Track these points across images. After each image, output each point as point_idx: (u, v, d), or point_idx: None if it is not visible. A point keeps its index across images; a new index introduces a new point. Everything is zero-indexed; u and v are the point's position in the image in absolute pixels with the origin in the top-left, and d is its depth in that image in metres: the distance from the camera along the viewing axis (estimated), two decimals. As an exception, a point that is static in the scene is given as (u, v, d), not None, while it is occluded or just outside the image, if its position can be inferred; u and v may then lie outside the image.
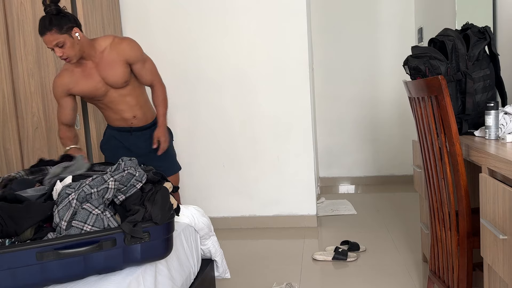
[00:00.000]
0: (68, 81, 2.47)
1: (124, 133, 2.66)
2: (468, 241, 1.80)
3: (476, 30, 2.14)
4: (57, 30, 2.24)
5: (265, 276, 2.75)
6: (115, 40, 2.47)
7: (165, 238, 1.71)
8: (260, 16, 3.57)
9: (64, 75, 2.47)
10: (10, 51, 3.17)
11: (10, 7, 3.13)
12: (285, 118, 3.63)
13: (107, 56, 2.44)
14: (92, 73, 2.45)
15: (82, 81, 2.46)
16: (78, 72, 2.46)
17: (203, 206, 3.70)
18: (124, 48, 2.45)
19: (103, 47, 2.44)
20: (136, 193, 1.75)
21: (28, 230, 1.65)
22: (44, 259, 1.51)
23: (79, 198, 1.67)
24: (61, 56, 2.29)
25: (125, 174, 1.75)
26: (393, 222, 3.64)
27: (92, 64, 2.45)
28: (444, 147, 1.81)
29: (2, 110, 3.20)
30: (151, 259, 1.69)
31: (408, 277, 2.62)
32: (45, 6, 2.26)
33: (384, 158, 5.05)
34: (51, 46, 2.27)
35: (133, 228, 1.61)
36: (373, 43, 4.94)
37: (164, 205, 1.71)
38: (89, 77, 2.46)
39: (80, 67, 2.45)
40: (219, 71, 3.66)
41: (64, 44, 2.27)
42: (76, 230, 1.60)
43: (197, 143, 3.75)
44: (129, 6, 3.68)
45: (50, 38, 2.24)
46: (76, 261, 1.55)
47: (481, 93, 2.11)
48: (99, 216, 1.64)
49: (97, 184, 1.71)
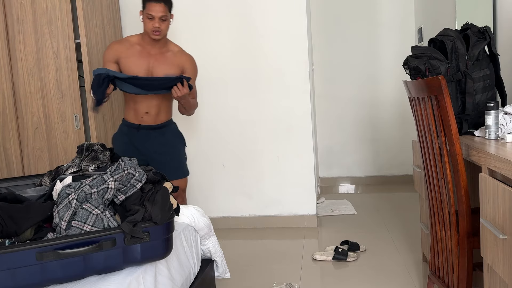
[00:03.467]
0: (123, 50, 2.61)
1: (132, 129, 2.69)
2: (468, 241, 1.80)
3: (476, 30, 2.14)
4: (169, 7, 2.56)
5: (265, 276, 2.75)
6: (182, 50, 2.72)
7: (165, 238, 1.71)
8: (260, 16, 3.57)
9: (124, 43, 2.63)
10: (10, 51, 3.17)
11: (10, 7, 3.13)
12: (285, 118, 3.63)
13: (169, 56, 2.65)
14: (147, 57, 2.61)
15: (134, 58, 2.60)
16: (137, 49, 2.61)
17: (203, 206, 3.70)
18: (188, 60, 2.70)
19: (170, 48, 2.68)
20: (136, 193, 1.75)
21: (28, 230, 1.65)
22: (44, 259, 1.50)
23: (79, 198, 1.66)
24: (157, 28, 2.51)
25: (125, 174, 1.75)
26: (393, 222, 3.64)
27: (154, 51, 2.62)
28: (444, 147, 1.81)
29: (2, 110, 3.20)
30: (151, 259, 1.69)
31: (408, 277, 2.62)
32: None
33: (384, 158, 5.05)
34: (156, 15, 2.49)
35: (133, 228, 1.61)
36: (373, 43, 4.94)
37: (164, 205, 1.71)
38: (142, 59, 2.60)
39: (142, 47, 2.62)
40: (219, 71, 3.66)
41: (166, 20, 2.55)
42: (76, 230, 1.60)
43: (197, 143, 3.75)
44: (129, 6, 3.68)
45: (162, 8, 2.50)
46: (76, 261, 1.55)
47: (481, 93, 2.11)
48: (99, 216, 1.64)
49: (97, 184, 1.71)
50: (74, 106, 3.16)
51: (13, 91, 3.19)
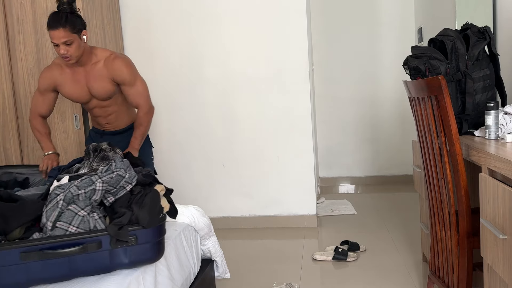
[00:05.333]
0: (56, 77, 2.46)
1: (97, 134, 2.69)
2: (468, 241, 1.80)
3: (476, 30, 2.14)
4: (70, 28, 2.24)
5: (265, 276, 2.75)
6: (111, 56, 2.45)
7: (156, 242, 1.67)
8: (260, 16, 3.57)
9: (55, 70, 2.46)
10: (10, 51, 3.17)
11: (10, 7, 3.13)
12: (285, 118, 3.63)
13: (98, 69, 2.43)
14: (80, 79, 2.45)
15: (69, 84, 2.46)
16: (68, 74, 2.45)
17: (203, 206, 3.71)
18: (115, 67, 2.43)
19: (98, 58, 2.44)
20: (125, 195, 1.73)
21: (17, 229, 1.64)
22: (28, 260, 1.49)
23: (66, 199, 1.65)
24: (64, 54, 2.27)
25: (114, 176, 1.73)
26: (393, 222, 3.64)
27: (83, 71, 2.44)
28: (444, 147, 1.81)
29: (2, 110, 3.20)
30: (140, 263, 1.65)
31: (408, 277, 2.62)
32: (60, 3, 2.27)
33: (384, 158, 5.05)
34: (58, 42, 2.24)
35: (118, 231, 1.58)
36: (373, 43, 4.94)
37: (152, 208, 1.67)
38: (77, 82, 2.45)
39: (71, 69, 2.45)
40: (220, 71, 3.66)
41: (72, 43, 2.27)
42: (61, 231, 1.59)
43: (197, 143, 3.75)
44: (129, 6, 3.68)
45: (62, 34, 2.22)
46: (60, 262, 1.53)
47: (481, 93, 2.11)
48: (85, 217, 1.62)
49: (85, 185, 1.69)
50: (74, 106, 3.16)
51: (13, 91, 3.19)
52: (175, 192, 3.75)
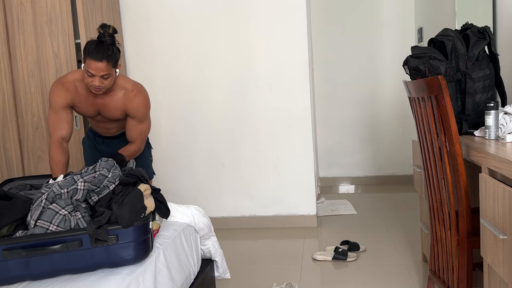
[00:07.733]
0: (73, 96, 2.32)
1: (98, 138, 2.66)
2: (468, 241, 1.80)
3: (476, 30, 2.14)
4: (113, 63, 2.15)
5: (265, 276, 2.75)
6: (133, 91, 2.35)
7: (141, 241, 1.67)
8: (260, 16, 3.57)
9: (70, 89, 2.31)
10: (10, 51, 3.17)
11: (10, 7, 3.13)
12: (285, 118, 3.63)
13: (115, 99, 2.34)
14: (94, 103, 2.35)
15: (83, 105, 2.36)
16: (83, 96, 2.33)
17: (203, 206, 3.70)
18: (134, 105, 2.36)
19: (119, 88, 2.33)
20: (107, 194, 1.74)
21: (6, 227, 1.65)
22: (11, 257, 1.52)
23: (49, 198, 1.67)
24: (97, 86, 2.15)
25: (96, 175, 1.75)
26: (393, 222, 3.64)
27: (100, 97, 2.33)
28: (444, 147, 1.81)
29: (2, 110, 3.20)
30: (124, 262, 1.65)
31: (408, 277, 2.62)
32: (103, 33, 2.15)
33: (384, 158, 5.05)
34: (97, 74, 2.12)
35: (95, 230, 1.59)
36: (373, 43, 4.94)
37: (133, 208, 1.67)
38: (90, 105, 2.36)
39: (87, 91, 2.31)
40: (219, 71, 3.66)
41: (109, 77, 2.17)
42: (41, 230, 1.60)
43: (197, 143, 3.75)
44: (129, 6, 3.68)
45: (104, 67, 2.11)
46: (43, 260, 1.56)
47: (481, 93, 2.11)
48: (66, 216, 1.63)
49: (67, 185, 1.71)
50: (74, 106, 3.16)
51: (13, 91, 3.19)
52: (175, 192, 3.76)
